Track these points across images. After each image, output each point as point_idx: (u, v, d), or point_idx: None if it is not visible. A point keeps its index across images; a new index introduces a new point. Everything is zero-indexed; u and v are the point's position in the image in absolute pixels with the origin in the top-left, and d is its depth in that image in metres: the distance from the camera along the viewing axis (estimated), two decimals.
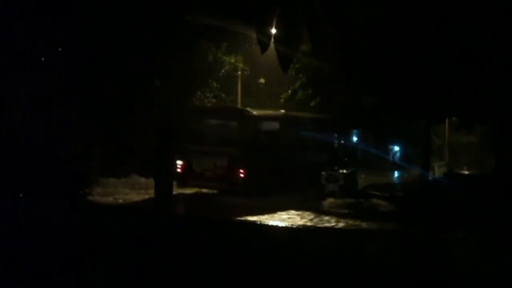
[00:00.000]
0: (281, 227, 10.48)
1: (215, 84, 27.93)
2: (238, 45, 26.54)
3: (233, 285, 5.36)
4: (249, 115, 19.38)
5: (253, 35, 4.12)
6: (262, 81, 32.75)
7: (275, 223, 13.65)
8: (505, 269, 5.59)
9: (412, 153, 32.55)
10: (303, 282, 5.33)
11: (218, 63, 27.38)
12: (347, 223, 14.76)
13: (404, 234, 10.45)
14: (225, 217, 13.69)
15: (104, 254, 6.09)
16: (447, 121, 31.54)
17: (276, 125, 20.00)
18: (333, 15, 4.00)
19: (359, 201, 18.80)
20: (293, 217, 15.32)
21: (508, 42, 17.76)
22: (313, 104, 27.29)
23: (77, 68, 13.44)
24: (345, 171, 20.06)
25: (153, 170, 14.22)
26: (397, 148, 34.43)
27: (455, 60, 18.82)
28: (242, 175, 17.92)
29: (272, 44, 4.05)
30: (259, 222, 12.46)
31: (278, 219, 14.86)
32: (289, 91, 30.05)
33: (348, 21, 4.13)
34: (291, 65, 4.93)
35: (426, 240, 7.74)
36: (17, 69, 11.84)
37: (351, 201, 18.51)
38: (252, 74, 31.18)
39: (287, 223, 13.87)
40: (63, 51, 12.61)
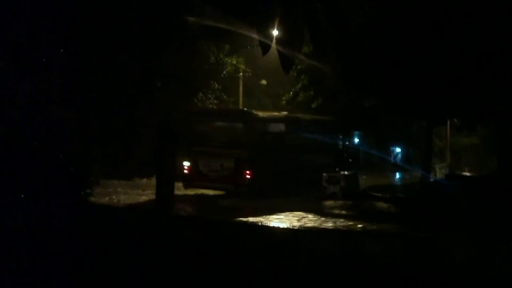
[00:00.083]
0: (282, 228, 10.49)
1: (216, 85, 27.97)
2: (239, 46, 26.61)
3: (233, 286, 5.35)
4: (255, 117, 19.44)
5: (254, 36, 4.11)
6: (264, 82, 32.76)
7: (276, 224, 13.67)
8: (506, 270, 5.58)
9: (413, 154, 32.52)
10: (304, 283, 5.32)
11: (219, 65, 27.43)
12: (348, 224, 14.76)
13: (405, 235, 10.43)
14: (226, 218, 13.71)
15: (105, 255, 6.09)
16: (448, 122, 31.52)
17: (282, 126, 20.09)
18: (335, 16, 4.00)
19: (361, 202, 18.78)
20: (294, 218, 15.30)
21: (509, 42, 17.75)
22: (314, 105, 27.33)
23: (77, 69, 13.44)
24: (346, 172, 20.05)
25: (154, 171, 14.22)
26: (398, 150, 34.38)
27: (456, 61, 18.81)
28: (248, 176, 17.97)
29: (273, 45, 4.04)
30: (260, 223, 12.45)
31: (279, 220, 14.86)
32: (291, 92, 30.10)
33: (349, 22, 4.13)
34: (293, 67, 4.92)
35: (427, 242, 7.73)
36: (17, 69, 11.83)
37: (353, 202, 18.50)
38: (253, 76, 31.19)
39: (288, 224, 13.87)
40: (64, 51, 12.61)
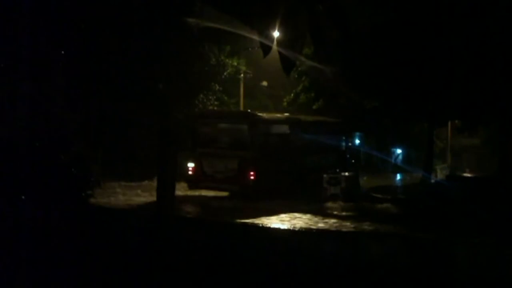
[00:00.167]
0: (284, 229, 10.49)
1: (217, 87, 27.96)
2: (240, 48, 26.59)
3: (234, 287, 5.36)
4: (259, 118, 19.54)
5: (255, 38, 4.11)
6: (265, 84, 32.75)
7: (277, 225, 13.67)
8: (507, 272, 5.58)
9: (415, 155, 32.51)
10: (304, 284, 5.33)
11: (220, 66, 27.41)
12: (349, 225, 14.75)
13: (407, 236, 10.44)
14: (227, 219, 13.72)
15: (105, 256, 6.09)
16: (449, 124, 31.53)
17: (285, 128, 20.16)
18: (336, 18, 4.00)
19: (362, 203, 18.77)
20: (295, 219, 15.31)
21: (509, 42, 17.76)
22: (315, 107, 27.30)
23: (79, 71, 13.45)
24: (346, 174, 20.04)
25: (156, 173, 14.23)
26: (399, 151, 34.38)
27: (458, 63, 18.82)
28: (252, 177, 18.05)
29: (274, 47, 4.05)
30: (261, 224, 12.45)
31: (280, 221, 14.86)
32: (292, 94, 30.07)
33: (351, 24, 4.13)
34: (294, 68, 4.93)
35: (428, 243, 7.72)
36: (18, 69, 11.83)
37: (353, 203, 18.49)
38: (254, 77, 31.17)
39: (289, 225, 13.88)
40: (65, 53, 12.61)
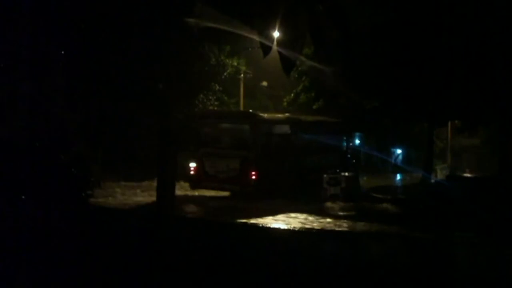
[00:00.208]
0: (284, 229, 10.46)
1: (217, 87, 27.96)
2: (240, 48, 26.58)
3: (234, 287, 5.35)
4: (260, 118, 19.58)
5: (255, 38, 4.11)
6: (265, 84, 32.76)
7: (277, 225, 13.66)
8: (507, 272, 5.57)
9: (415, 156, 32.52)
10: (305, 284, 5.32)
11: (220, 66, 27.42)
12: (350, 225, 14.75)
13: (407, 236, 10.43)
14: (227, 219, 13.71)
15: (105, 256, 6.09)
16: (449, 124, 31.52)
17: (287, 128, 20.19)
18: (336, 18, 4.00)
19: (362, 203, 18.77)
20: (295, 219, 15.31)
21: (509, 43, 17.75)
22: (315, 107, 27.29)
23: (79, 71, 13.46)
24: (346, 174, 20.04)
25: (156, 173, 14.23)
26: (399, 151, 34.40)
27: (458, 63, 18.82)
28: (254, 177, 18.08)
29: (274, 47, 4.04)
30: (261, 225, 12.44)
31: (281, 221, 14.86)
32: (292, 94, 30.07)
33: (351, 24, 4.13)
34: (294, 68, 4.92)
35: (428, 243, 7.71)
36: (18, 70, 11.84)
37: (354, 203, 18.49)
38: (254, 77, 31.19)
39: (289, 225, 13.87)
40: (65, 53, 12.63)
